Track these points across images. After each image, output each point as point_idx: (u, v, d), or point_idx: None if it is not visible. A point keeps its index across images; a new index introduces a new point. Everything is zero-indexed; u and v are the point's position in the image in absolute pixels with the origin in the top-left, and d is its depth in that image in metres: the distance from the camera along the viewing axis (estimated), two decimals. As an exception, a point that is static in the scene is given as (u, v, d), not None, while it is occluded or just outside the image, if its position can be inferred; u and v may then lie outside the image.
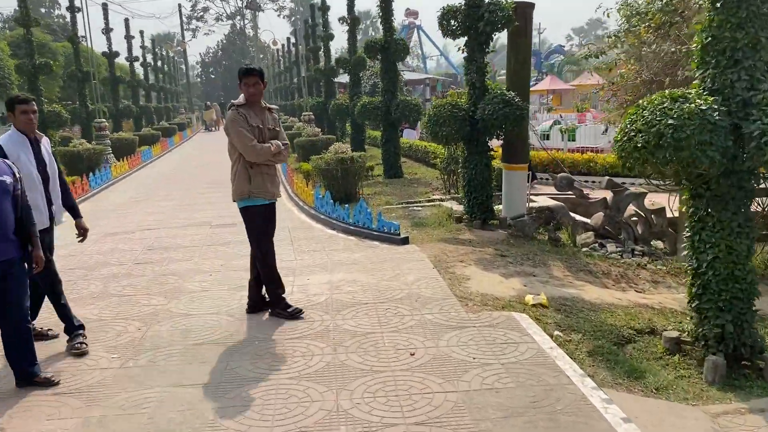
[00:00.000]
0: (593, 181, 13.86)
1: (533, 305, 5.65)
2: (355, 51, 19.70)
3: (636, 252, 8.48)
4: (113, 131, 28.29)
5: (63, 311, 4.98)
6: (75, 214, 5.33)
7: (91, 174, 14.90)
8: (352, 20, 19.29)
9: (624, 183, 10.98)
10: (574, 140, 19.19)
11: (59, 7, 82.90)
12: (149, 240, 8.92)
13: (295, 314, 5.38)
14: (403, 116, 14.17)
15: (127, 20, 34.61)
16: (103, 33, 29.76)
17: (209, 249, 8.18)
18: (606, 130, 17.03)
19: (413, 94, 33.08)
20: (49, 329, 5.18)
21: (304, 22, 33.57)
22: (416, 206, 10.85)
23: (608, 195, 9.71)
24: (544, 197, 11.49)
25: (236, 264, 7.24)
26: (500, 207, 9.73)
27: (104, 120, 19.96)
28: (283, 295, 5.50)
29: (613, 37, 10.15)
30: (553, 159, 14.74)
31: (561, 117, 25.09)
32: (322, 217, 9.57)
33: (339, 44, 51.34)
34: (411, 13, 60.20)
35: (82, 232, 5.26)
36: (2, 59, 20.01)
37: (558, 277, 6.75)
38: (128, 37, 34.31)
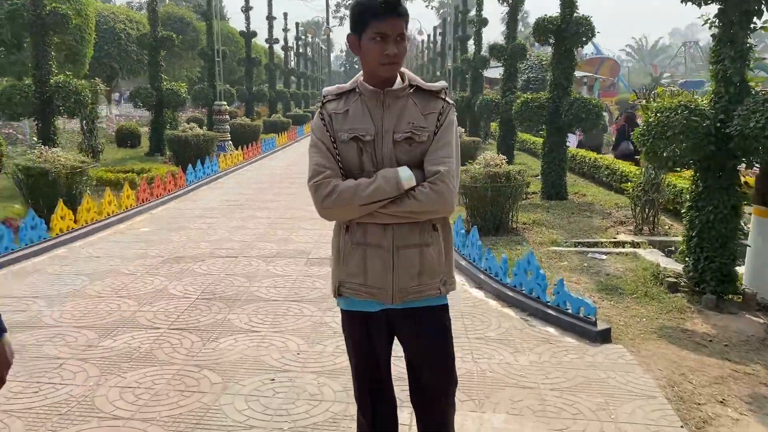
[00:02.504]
0: None
1: None
2: (514, 38, 16.40)
3: None
4: (246, 115, 26.89)
5: None
6: None
7: (191, 165, 12.75)
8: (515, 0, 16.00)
9: None
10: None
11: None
12: (215, 279, 6.29)
13: None
14: (576, 120, 10.74)
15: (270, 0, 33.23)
16: (242, 11, 28.35)
17: (292, 308, 5.38)
18: None
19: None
20: None
21: (455, 8, 30.54)
22: (597, 252, 7.50)
23: None
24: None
25: (324, 350, 4.38)
26: (742, 270, 6.19)
27: (224, 103, 18.06)
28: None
29: None
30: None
31: None
32: (464, 263, 6.51)
33: (491, 36, 47.56)
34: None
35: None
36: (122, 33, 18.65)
37: None
38: (270, 18, 32.90)
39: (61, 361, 4.24)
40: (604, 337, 4.71)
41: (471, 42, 22.76)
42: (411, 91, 2.32)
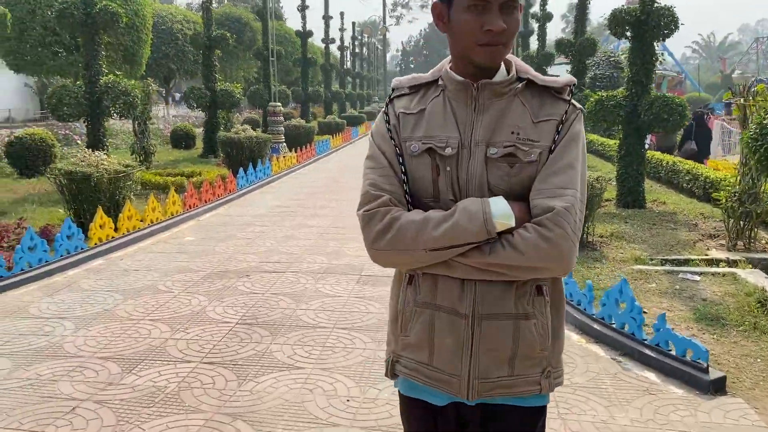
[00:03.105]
0: None
1: None
2: (582, 32, 15.40)
3: None
4: (301, 116, 26.54)
5: None
6: None
7: (242, 169, 12.25)
8: (583, -9, 15.01)
9: None
10: None
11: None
12: (258, 299, 5.66)
13: None
14: (657, 120, 9.72)
15: None
16: (298, 10, 28.03)
17: (342, 338, 4.69)
18: None
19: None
20: None
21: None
22: (689, 272, 6.56)
23: None
24: None
25: (378, 397, 3.67)
26: None
27: (278, 104, 17.61)
28: None
29: None
30: None
31: None
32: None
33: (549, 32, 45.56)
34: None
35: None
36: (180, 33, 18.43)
37: None
38: (326, 17, 32.50)
39: (75, 403, 3.65)
40: (718, 387, 3.85)
41: (536, 36, 21.75)
42: (520, 86, 1.58)
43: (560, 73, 25.90)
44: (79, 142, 17.34)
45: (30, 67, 20.80)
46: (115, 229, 7.68)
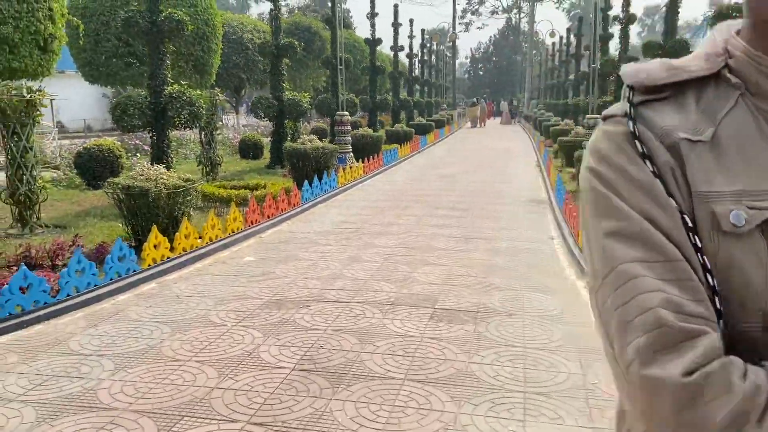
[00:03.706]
0: None
1: None
2: (673, 31, 14.22)
3: None
4: (369, 125, 26.03)
5: None
6: None
7: (307, 182, 11.70)
8: (675, -10, 13.85)
9: None
10: None
11: (345, 1, 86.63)
12: (319, 336, 4.98)
13: None
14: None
15: (396, 6, 32.32)
16: (367, 18, 27.57)
17: (415, 394, 3.94)
18: None
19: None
20: None
21: (594, 5, 28.08)
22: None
23: None
24: None
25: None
26: None
27: (346, 113, 17.07)
28: None
29: None
30: None
31: None
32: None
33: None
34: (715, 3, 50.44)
35: None
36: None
37: None
38: (395, 24, 31.95)
39: (97, 477, 3.06)
40: None
41: (618, 38, 20.52)
42: None
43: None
44: (149, 152, 17.31)
45: (104, 77, 21.05)
46: (171, 249, 7.21)
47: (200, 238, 7.79)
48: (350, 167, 15.08)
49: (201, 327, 5.18)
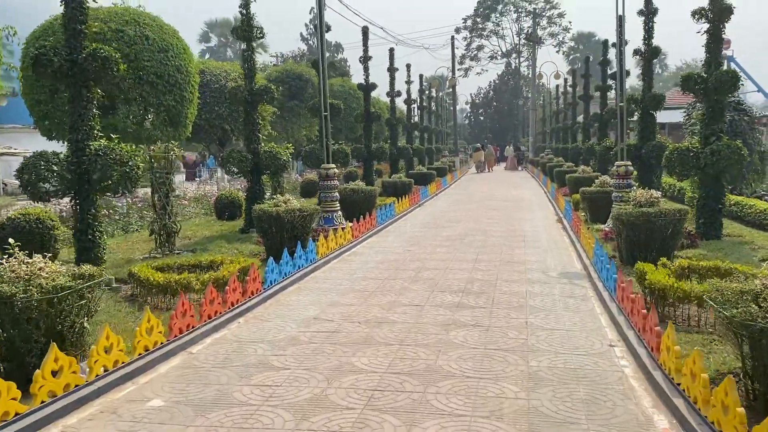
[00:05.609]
0: None
1: None
2: (717, 64, 11.84)
3: None
4: (362, 178, 23.57)
5: None
6: None
7: (275, 258, 9.05)
8: (721, 9, 11.50)
9: None
10: None
11: (342, 51, 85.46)
12: None
13: None
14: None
15: (391, 50, 30.29)
16: (360, 62, 25.41)
17: None
18: None
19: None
20: None
21: (603, 43, 25.94)
22: None
23: None
24: None
25: None
26: None
27: (332, 166, 14.54)
28: None
29: None
30: None
31: None
32: None
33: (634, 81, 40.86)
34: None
35: None
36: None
37: None
38: (391, 69, 29.82)
39: None
40: None
41: (639, 74, 18.21)
42: None
43: (677, 118, 21.99)
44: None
45: (64, 132, 18.75)
46: (26, 392, 4.57)
47: (83, 372, 5.14)
48: (335, 230, 12.51)
49: None
